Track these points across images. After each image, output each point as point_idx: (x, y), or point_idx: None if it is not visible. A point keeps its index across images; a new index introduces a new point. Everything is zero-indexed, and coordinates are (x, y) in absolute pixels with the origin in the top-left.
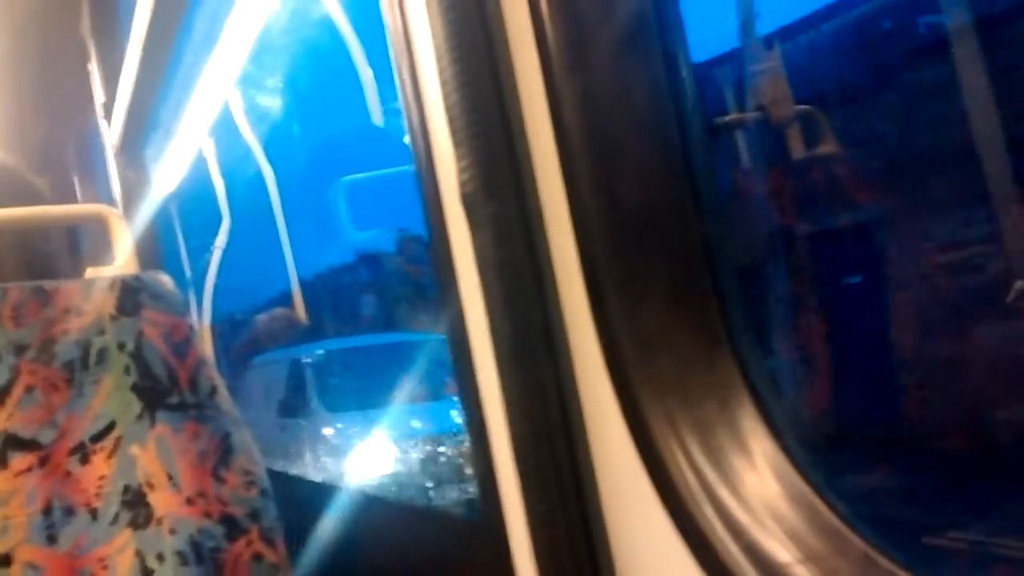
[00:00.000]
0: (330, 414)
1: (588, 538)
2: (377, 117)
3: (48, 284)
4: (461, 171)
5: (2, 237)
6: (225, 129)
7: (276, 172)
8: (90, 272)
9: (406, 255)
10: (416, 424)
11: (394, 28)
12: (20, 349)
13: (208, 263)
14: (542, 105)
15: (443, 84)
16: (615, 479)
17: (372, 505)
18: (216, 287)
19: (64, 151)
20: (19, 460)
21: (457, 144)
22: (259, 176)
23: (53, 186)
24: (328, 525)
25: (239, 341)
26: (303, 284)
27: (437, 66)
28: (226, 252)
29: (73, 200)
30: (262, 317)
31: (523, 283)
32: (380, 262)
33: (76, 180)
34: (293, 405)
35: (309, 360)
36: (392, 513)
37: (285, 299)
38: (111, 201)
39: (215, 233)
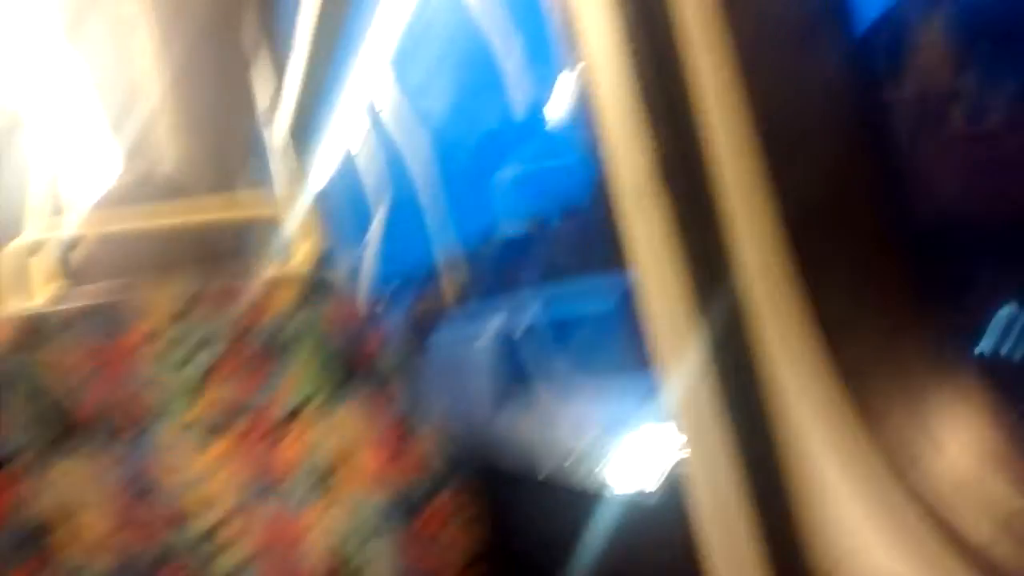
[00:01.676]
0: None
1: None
2: (522, 107)
3: (245, 278)
4: (642, 157)
5: (182, 236)
6: (377, 124)
7: (428, 161)
8: (278, 268)
9: (562, 241)
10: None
11: (562, 13)
12: (218, 339)
13: (362, 256)
14: (722, 87)
15: (620, 70)
16: (812, 465)
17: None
18: (373, 276)
19: (228, 155)
20: (222, 440)
21: (637, 131)
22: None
23: (220, 188)
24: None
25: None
26: (457, 265)
27: (613, 53)
28: (382, 241)
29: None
30: (416, 303)
31: (704, 267)
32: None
33: (241, 182)
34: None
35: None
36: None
37: (436, 285)
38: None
39: (367, 225)
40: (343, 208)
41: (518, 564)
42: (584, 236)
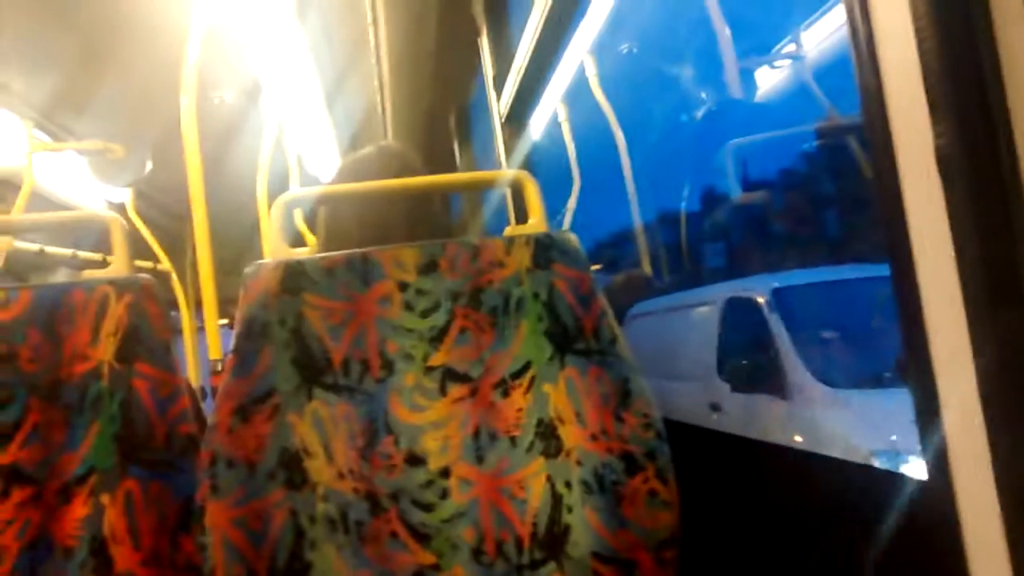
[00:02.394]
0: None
1: None
2: (733, 78)
3: (477, 240)
4: (937, 132)
5: (397, 201)
6: (579, 94)
7: (627, 135)
8: (508, 231)
9: (787, 209)
10: None
11: None
12: (455, 296)
13: (559, 225)
14: (1021, 56)
15: (918, 41)
16: None
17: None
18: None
19: (447, 119)
20: (456, 390)
21: (933, 103)
22: (610, 140)
23: (435, 150)
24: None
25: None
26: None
27: (911, 20)
28: (576, 212)
29: (452, 162)
30: (617, 278)
31: (1000, 242)
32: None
33: (456, 145)
34: (751, 373)
35: (765, 299)
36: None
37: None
38: (493, 164)
39: (564, 194)
40: (547, 178)
41: (710, 551)
42: (813, 216)
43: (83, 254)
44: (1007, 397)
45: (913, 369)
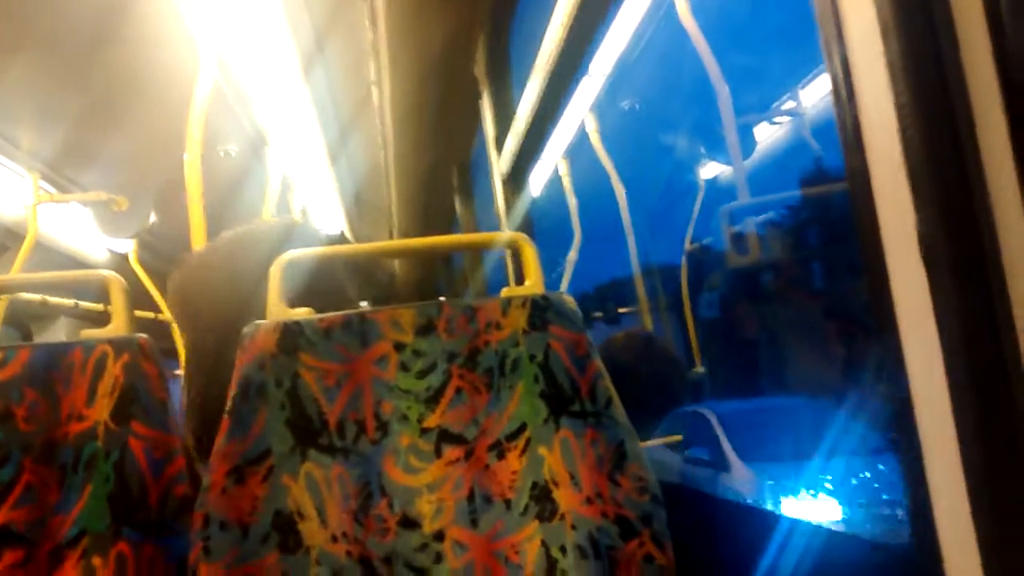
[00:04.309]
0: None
1: None
2: (731, 135)
3: (474, 301)
4: (921, 220)
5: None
6: (580, 150)
7: (628, 190)
8: (505, 292)
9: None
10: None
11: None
12: (452, 356)
13: (560, 276)
14: (1001, 133)
15: (899, 121)
16: None
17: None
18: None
19: (448, 176)
20: (450, 451)
21: (915, 187)
22: (610, 194)
23: (437, 206)
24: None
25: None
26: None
27: (892, 106)
28: (577, 265)
29: (453, 218)
30: (616, 335)
31: (983, 326)
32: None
33: (457, 201)
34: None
35: None
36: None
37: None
38: (493, 220)
39: (564, 247)
40: (537, 232)
41: None
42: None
43: (85, 304)
44: (994, 485)
45: (902, 448)
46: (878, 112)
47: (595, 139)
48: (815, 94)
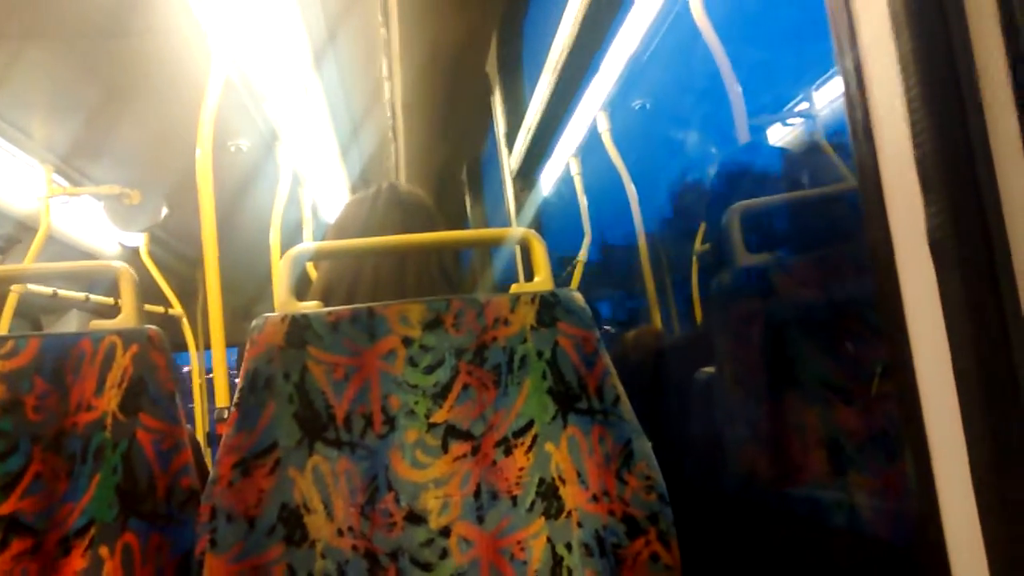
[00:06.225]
0: None
1: None
2: (743, 135)
3: (483, 297)
4: (931, 215)
5: (410, 256)
6: (591, 149)
7: (639, 190)
8: (515, 288)
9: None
10: None
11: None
12: (460, 352)
13: (570, 276)
14: (1012, 128)
15: (909, 116)
16: None
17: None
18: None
19: (459, 172)
20: (457, 447)
21: (925, 182)
22: (622, 193)
23: (447, 202)
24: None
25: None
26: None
27: (903, 100)
28: (587, 265)
29: (464, 213)
30: (629, 335)
31: (992, 322)
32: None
33: (468, 197)
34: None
35: None
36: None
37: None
38: (504, 216)
39: (574, 246)
40: (546, 231)
41: None
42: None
43: (95, 297)
44: (1001, 483)
45: (909, 451)
46: (889, 106)
47: (607, 138)
48: (828, 96)
